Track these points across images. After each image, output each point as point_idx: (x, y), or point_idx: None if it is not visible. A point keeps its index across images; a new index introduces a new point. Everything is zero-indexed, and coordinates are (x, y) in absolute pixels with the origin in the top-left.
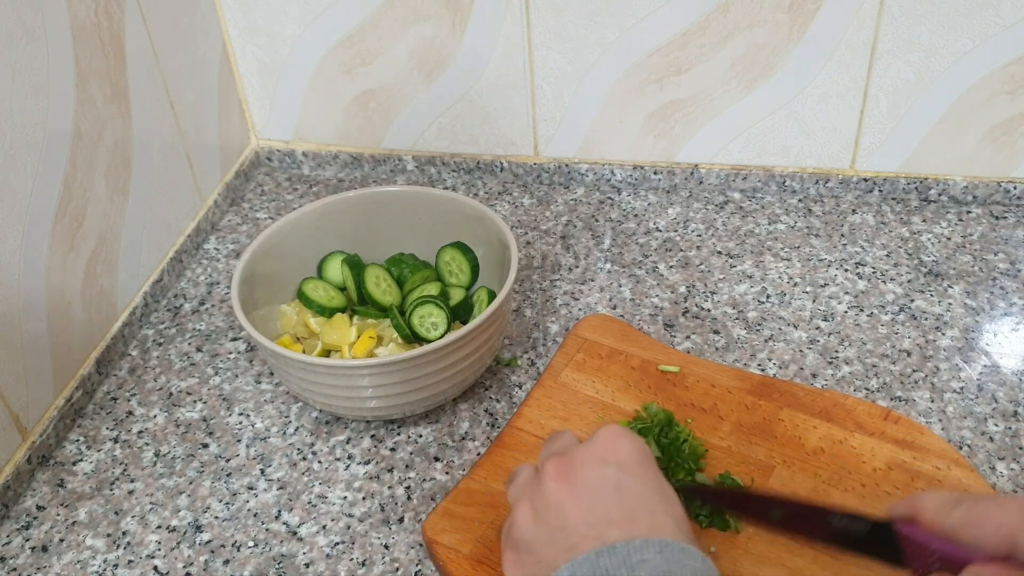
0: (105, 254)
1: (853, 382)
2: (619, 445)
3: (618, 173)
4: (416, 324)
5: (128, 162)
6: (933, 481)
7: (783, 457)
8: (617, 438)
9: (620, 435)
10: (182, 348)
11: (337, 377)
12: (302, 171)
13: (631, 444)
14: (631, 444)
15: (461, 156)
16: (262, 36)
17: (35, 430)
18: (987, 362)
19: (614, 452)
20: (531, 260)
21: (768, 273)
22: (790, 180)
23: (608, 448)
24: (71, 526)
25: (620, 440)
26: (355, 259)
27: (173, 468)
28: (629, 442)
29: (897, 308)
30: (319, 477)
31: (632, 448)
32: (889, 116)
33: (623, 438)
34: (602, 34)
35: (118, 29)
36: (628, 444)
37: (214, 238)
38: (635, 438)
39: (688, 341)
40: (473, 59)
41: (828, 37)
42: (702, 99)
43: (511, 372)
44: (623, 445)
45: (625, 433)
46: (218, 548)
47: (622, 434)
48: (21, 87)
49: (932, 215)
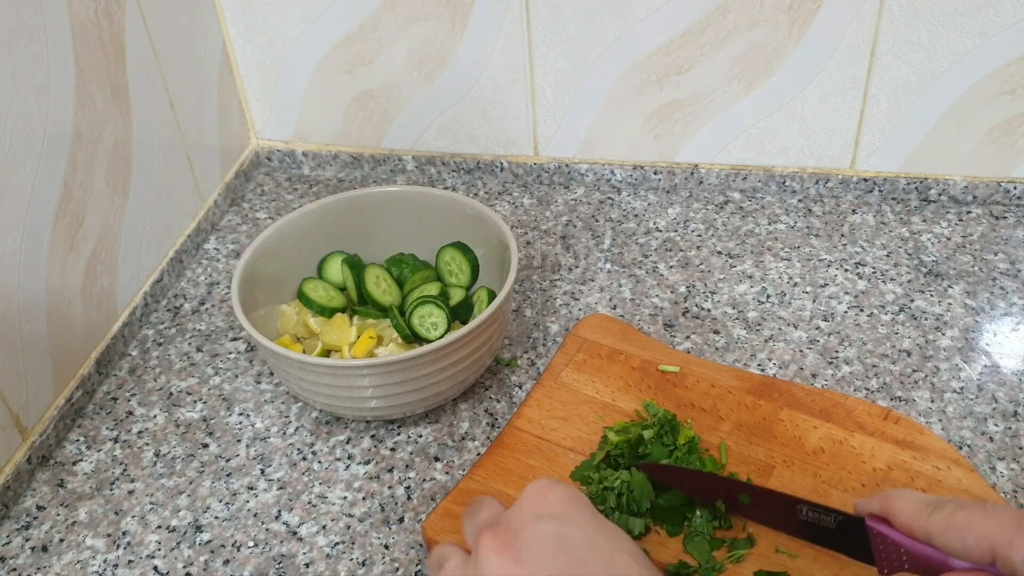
0: (105, 254)
1: (853, 382)
2: (549, 496)
3: (618, 173)
4: (416, 324)
5: (128, 162)
6: (933, 481)
7: (783, 457)
8: (544, 490)
9: (546, 487)
10: (182, 348)
11: (337, 377)
12: (302, 171)
13: (561, 492)
14: (561, 492)
15: (461, 156)
16: (262, 36)
17: (35, 430)
18: (987, 362)
19: (547, 504)
20: (531, 260)
21: (768, 273)
22: (790, 180)
23: (539, 503)
24: (71, 526)
25: (549, 491)
26: (355, 259)
27: (173, 468)
28: (558, 491)
29: (897, 308)
30: (319, 477)
31: (563, 496)
32: (889, 116)
33: (550, 489)
34: (602, 34)
35: (118, 29)
36: (558, 493)
37: (214, 238)
38: (562, 485)
39: (688, 341)
40: (473, 59)
41: (828, 37)
42: (702, 99)
43: (511, 372)
44: (553, 495)
45: (550, 483)
46: (218, 548)
47: (548, 485)
48: (21, 87)
49: (932, 215)
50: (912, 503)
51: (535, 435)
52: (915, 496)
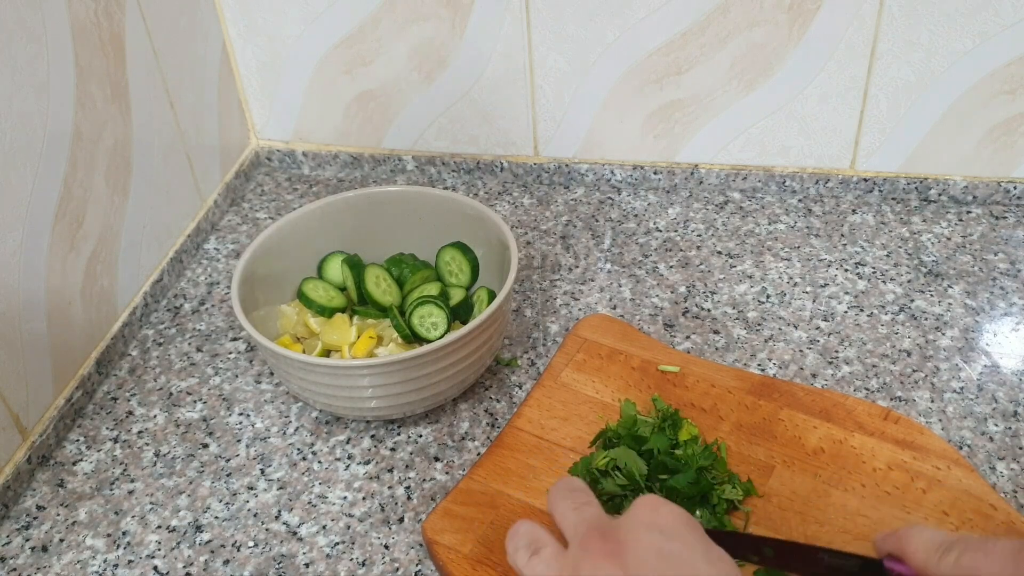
0: (105, 254)
1: (853, 382)
2: (661, 510)
3: (618, 173)
4: (416, 324)
5: (128, 162)
6: (933, 481)
7: (783, 457)
8: (656, 504)
9: (658, 502)
10: (182, 348)
11: (337, 377)
12: (302, 171)
13: (672, 508)
14: (672, 508)
15: (461, 156)
16: (262, 36)
17: (35, 430)
18: (987, 362)
19: (657, 517)
20: (531, 260)
21: (768, 273)
22: (790, 180)
23: (651, 514)
24: (71, 526)
25: (661, 506)
26: (355, 259)
27: (173, 468)
28: (670, 507)
29: (897, 308)
30: (319, 477)
31: (673, 512)
32: (889, 116)
33: (662, 504)
34: (602, 34)
35: (118, 29)
36: (669, 508)
37: (214, 238)
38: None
39: (688, 341)
40: (473, 59)
41: (828, 37)
42: (702, 99)
43: (511, 372)
44: (664, 509)
45: (662, 500)
46: (218, 548)
47: (660, 501)
48: (21, 87)
49: (932, 215)
50: (924, 545)
51: (535, 435)
52: (928, 537)
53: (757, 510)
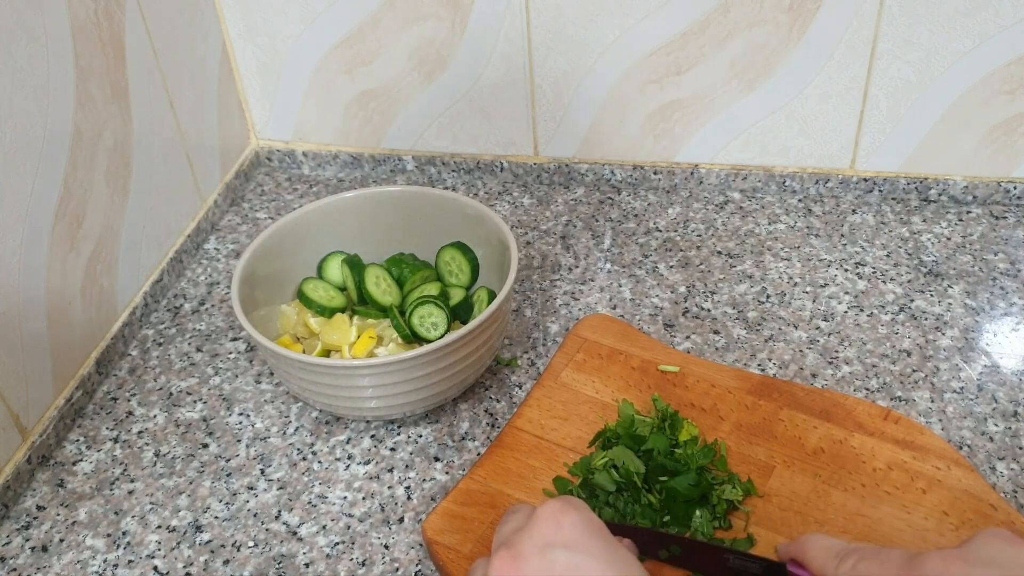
0: (105, 254)
1: (853, 382)
2: (562, 521)
3: (618, 173)
4: (416, 324)
5: (128, 162)
6: (933, 481)
7: (783, 457)
8: (557, 515)
9: (559, 511)
10: (182, 348)
11: (337, 377)
12: (302, 171)
13: (574, 517)
14: (574, 517)
15: (461, 156)
16: (262, 36)
17: (35, 430)
18: (987, 362)
19: (559, 531)
20: (531, 260)
21: (768, 273)
22: (790, 180)
23: (551, 529)
24: (71, 526)
25: (562, 516)
26: (355, 259)
27: (173, 468)
28: (570, 516)
29: (897, 308)
30: (319, 477)
31: (575, 521)
32: (889, 116)
33: (563, 514)
34: (602, 34)
35: (118, 29)
36: (570, 519)
37: (214, 238)
38: (575, 510)
39: (688, 341)
40: (473, 59)
41: (828, 37)
42: (702, 99)
43: (511, 372)
44: (566, 520)
45: (564, 507)
46: (218, 548)
47: (561, 510)
48: (21, 87)
49: (932, 215)
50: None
51: (535, 435)
52: (825, 545)
53: (757, 510)
